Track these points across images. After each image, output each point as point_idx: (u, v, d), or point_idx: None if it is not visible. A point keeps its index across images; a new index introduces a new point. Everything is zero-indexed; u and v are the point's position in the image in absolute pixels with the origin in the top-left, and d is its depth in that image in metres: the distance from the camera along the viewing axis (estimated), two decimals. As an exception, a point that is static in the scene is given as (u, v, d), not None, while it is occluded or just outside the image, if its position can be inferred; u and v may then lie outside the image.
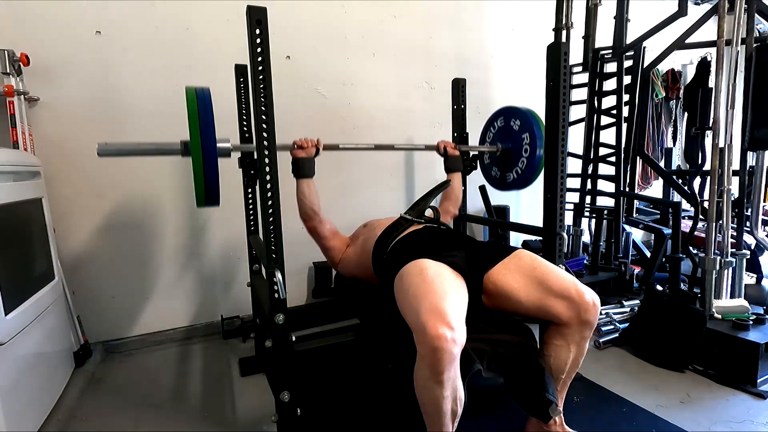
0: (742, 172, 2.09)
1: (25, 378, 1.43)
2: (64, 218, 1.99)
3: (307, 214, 1.61)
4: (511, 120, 1.93)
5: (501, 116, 2.00)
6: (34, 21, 1.88)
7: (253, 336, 2.00)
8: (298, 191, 1.57)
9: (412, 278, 1.17)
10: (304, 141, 1.55)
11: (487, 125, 2.10)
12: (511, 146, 1.94)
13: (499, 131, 2.00)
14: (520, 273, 1.25)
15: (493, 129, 2.04)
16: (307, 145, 1.55)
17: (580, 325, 1.19)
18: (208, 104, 1.23)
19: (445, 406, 1.04)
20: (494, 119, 2.04)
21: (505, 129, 1.97)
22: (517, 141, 1.90)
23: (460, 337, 0.99)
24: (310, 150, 1.55)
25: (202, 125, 1.19)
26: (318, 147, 1.57)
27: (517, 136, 1.90)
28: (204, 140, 1.19)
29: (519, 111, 1.90)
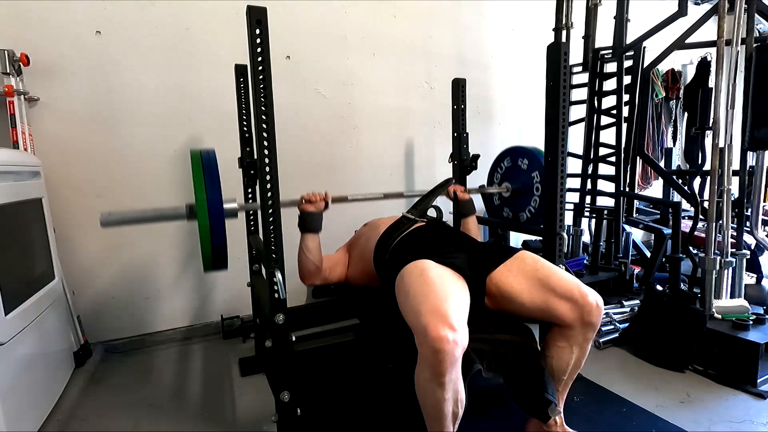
0: (742, 172, 2.08)
1: (25, 378, 1.43)
2: (64, 218, 1.99)
3: (309, 271, 1.54)
4: (518, 159, 1.94)
5: (507, 156, 2.00)
6: (34, 21, 1.88)
7: (253, 336, 2.00)
8: (303, 246, 1.50)
9: (414, 279, 1.17)
10: (313, 195, 1.49)
11: (493, 167, 2.10)
12: (521, 186, 1.93)
13: (507, 171, 2.00)
14: (523, 275, 1.25)
15: (500, 170, 2.04)
16: (316, 199, 1.49)
17: (583, 326, 1.19)
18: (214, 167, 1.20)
19: (446, 408, 1.03)
20: (500, 160, 2.05)
21: (512, 169, 1.98)
22: (527, 179, 1.89)
23: (462, 339, 0.99)
24: (318, 204, 1.49)
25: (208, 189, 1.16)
26: (327, 201, 1.51)
27: (526, 174, 1.90)
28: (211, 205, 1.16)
29: (524, 150, 1.91)
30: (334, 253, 1.74)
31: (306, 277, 1.57)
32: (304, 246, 1.50)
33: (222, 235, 1.20)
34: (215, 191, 1.18)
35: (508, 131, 3.16)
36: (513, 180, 1.97)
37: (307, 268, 1.54)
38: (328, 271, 1.62)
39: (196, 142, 2.21)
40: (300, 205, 1.49)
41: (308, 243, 1.50)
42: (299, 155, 2.42)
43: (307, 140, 2.46)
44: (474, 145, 2.16)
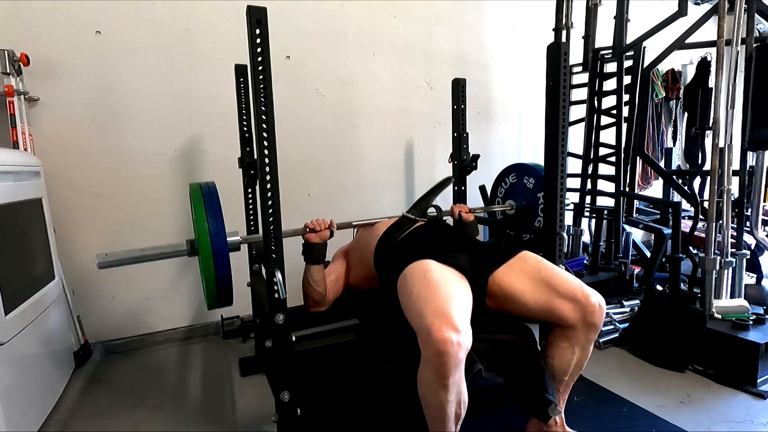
0: (742, 172, 2.08)
1: (25, 378, 1.43)
2: (64, 218, 1.99)
3: (315, 300, 1.50)
4: (524, 177, 1.94)
5: (512, 173, 2.01)
6: (34, 21, 1.88)
7: (253, 336, 2.00)
8: (308, 277, 1.45)
9: (416, 280, 1.16)
10: (317, 224, 1.44)
11: (497, 182, 2.11)
12: (525, 204, 1.94)
13: (511, 188, 2.01)
14: (526, 275, 1.25)
15: (504, 185, 2.04)
16: (320, 228, 1.44)
17: (585, 327, 1.19)
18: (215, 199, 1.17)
19: (449, 409, 1.03)
20: (505, 175, 2.06)
21: (517, 186, 1.98)
22: (532, 198, 1.90)
23: (466, 341, 0.99)
24: (323, 233, 1.44)
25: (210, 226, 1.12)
26: (332, 229, 1.47)
27: (531, 193, 1.90)
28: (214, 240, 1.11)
29: (531, 169, 1.92)
30: (331, 264, 1.68)
31: (312, 306, 1.53)
32: (310, 277, 1.45)
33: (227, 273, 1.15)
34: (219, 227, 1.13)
35: (508, 131, 3.17)
36: (517, 197, 1.96)
37: (312, 298, 1.50)
38: (332, 293, 1.57)
39: (197, 142, 2.21)
40: (304, 234, 1.44)
41: (314, 275, 1.45)
42: (299, 155, 2.42)
43: (307, 140, 2.45)
44: (474, 145, 2.16)
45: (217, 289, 1.18)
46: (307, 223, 1.45)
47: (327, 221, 1.47)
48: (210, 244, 1.13)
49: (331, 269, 1.62)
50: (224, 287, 1.18)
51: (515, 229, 2.07)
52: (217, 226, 1.14)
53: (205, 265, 1.15)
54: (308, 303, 1.53)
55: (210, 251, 1.13)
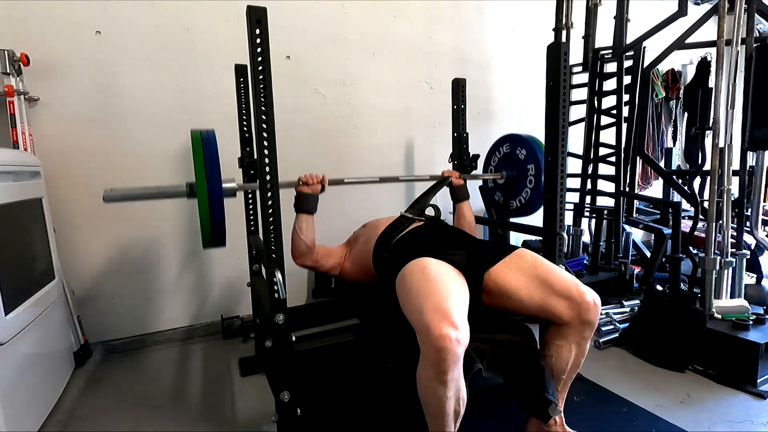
0: (742, 172, 2.08)
1: (25, 378, 1.43)
2: (64, 218, 1.99)
3: (301, 251, 1.56)
4: (516, 148, 1.94)
5: (506, 143, 2.01)
6: (34, 21, 1.88)
7: (253, 336, 1.99)
8: (296, 226, 1.52)
9: (415, 277, 1.17)
10: (309, 177, 1.52)
11: (491, 150, 2.11)
12: (515, 174, 1.94)
13: (504, 157, 2.01)
14: (522, 272, 1.25)
15: (498, 154, 2.05)
16: (313, 181, 1.51)
17: (581, 325, 1.19)
18: (213, 147, 1.23)
19: (448, 406, 1.04)
20: (499, 145, 2.05)
21: (510, 156, 1.98)
22: (522, 169, 1.91)
23: (464, 337, 0.99)
24: (315, 187, 1.51)
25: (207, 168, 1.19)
26: (323, 183, 1.54)
27: (522, 165, 1.91)
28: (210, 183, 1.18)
29: (525, 140, 1.92)
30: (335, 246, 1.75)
31: (296, 256, 1.58)
32: (298, 226, 1.52)
33: (221, 213, 1.22)
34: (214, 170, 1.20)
35: (508, 131, 3.14)
36: (509, 167, 1.97)
37: (298, 248, 1.55)
38: (322, 257, 1.64)
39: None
40: (297, 186, 1.52)
41: (302, 223, 1.51)
42: (299, 155, 2.41)
43: (307, 140, 2.46)
44: (474, 145, 2.16)
45: (212, 230, 1.22)
46: (300, 176, 1.52)
47: (320, 176, 1.53)
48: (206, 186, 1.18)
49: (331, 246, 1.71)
50: (218, 228, 1.23)
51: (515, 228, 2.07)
52: (213, 171, 1.20)
53: (201, 206, 1.20)
54: (293, 253, 1.58)
55: (206, 193, 1.18)
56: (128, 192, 1.28)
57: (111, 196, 1.23)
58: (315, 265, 1.64)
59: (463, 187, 1.85)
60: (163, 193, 1.33)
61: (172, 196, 1.31)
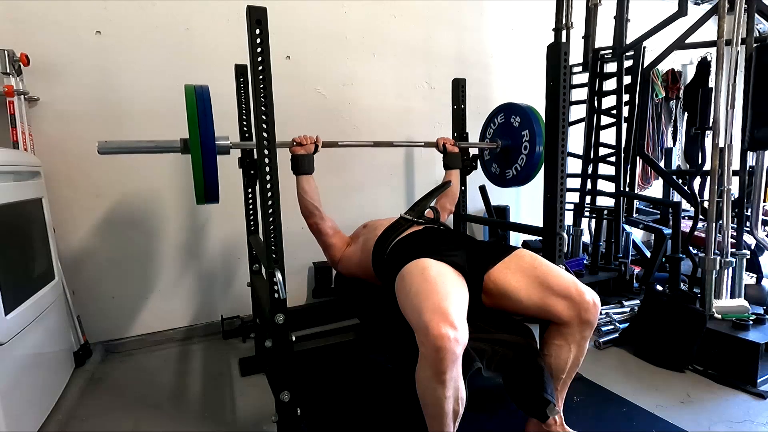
0: (742, 172, 2.08)
1: (25, 378, 1.43)
2: (64, 218, 1.99)
3: (309, 210, 1.62)
4: (511, 116, 1.93)
5: (501, 113, 1.99)
6: (34, 21, 1.88)
7: (253, 336, 2.00)
8: (299, 188, 1.58)
9: (414, 278, 1.17)
10: (303, 138, 1.57)
11: (487, 121, 2.09)
12: (510, 143, 1.93)
13: (499, 127, 2.00)
14: (521, 272, 1.25)
15: (493, 125, 2.04)
16: (306, 142, 1.56)
17: (580, 324, 1.19)
18: (207, 102, 1.23)
19: (447, 406, 1.04)
20: (494, 115, 2.04)
21: (505, 125, 1.96)
22: (517, 137, 1.89)
23: (463, 337, 0.99)
24: (309, 147, 1.56)
25: (201, 122, 1.20)
26: (317, 144, 1.59)
27: (517, 132, 1.89)
28: (203, 137, 1.19)
29: (519, 107, 1.90)
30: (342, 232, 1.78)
31: (306, 215, 1.65)
32: (300, 188, 1.58)
33: (214, 168, 1.23)
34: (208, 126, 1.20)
35: (508, 131, 3.16)
36: (504, 136, 1.96)
37: (306, 207, 1.61)
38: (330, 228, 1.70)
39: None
40: (291, 147, 1.56)
41: (303, 185, 1.57)
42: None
43: (307, 140, 2.45)
44: (474, 145, 2.16)
45: (205, 184, 1.24)
46: (294, 137, 1.56)
47: (313, 137, 1.59)
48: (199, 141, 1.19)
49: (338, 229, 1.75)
50: (211, 182, 1.24)
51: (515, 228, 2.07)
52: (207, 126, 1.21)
53: (195, 160, 1.21)
54: (303, 213, 1.64)
55: (199, 148, 1.19)
56: (123, 144, 1.30)
57: (105, 147, 1.26)
58: (322, 230, 1.68)
59: (456, 155, 1.91)
60: (157, 147, 1.34)
61: (167, 150, 1.33)
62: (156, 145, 1.33)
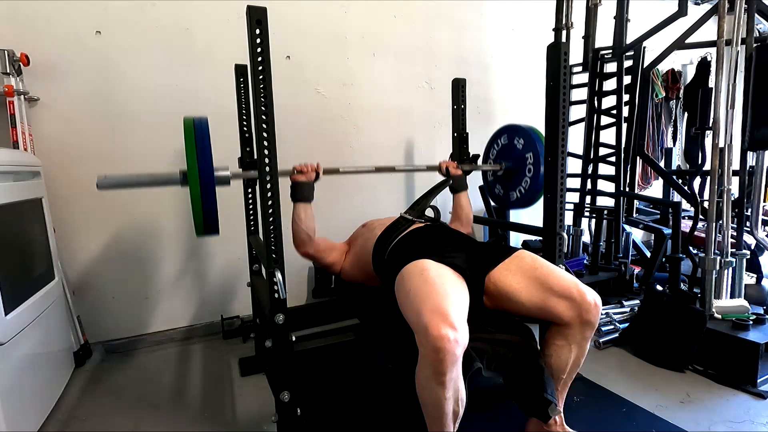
0: (742, 172, 2.08)
1: (25, 378, 1.43)
2: (64, 218, 1.99)
3: (302, 240, 1.56)
4: (514, 138, 1.92)
5: (504, 134, 1.99)
6: (34, 21, 1.88)
7: (253, 336, 2.00)
8: (295, 215, 1.53)
9: (414, 279, 1.17)
10: (304, 166, 1.53)
11: (490, 143, 2.09)
12: (513, 165, 1.92)
13: (503, 149, 1.99)
14: (522, 274, 1.25)
15: (497, 146, 2.03)
16: (307, 170, 1.53)
17: (581, 325, 1.19)
18: (206, 134, 1.22)
19: (447, 407, 1.03)
20: (497, 137, 2.04)
21: (508, 147, 1.96)
22: (521, 160, 1.88)
23: (463, 338, 0.99)
24: (310, 175, 1.53)
25: (199, 155, 1.18)
26: (318, 172, 1.55)
27: (521, 155, 1.88)
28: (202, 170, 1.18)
29: (522, 129, 1.89)
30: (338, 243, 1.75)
31: (298, 245, 1.59)
32: (296, 215, 1.53)
33: (213, 200, 1.21)
34: (206, 157, 1.19)
35: (508, 131, 3.16)
36: (507, 158, 1.96)
37: (299, 236, 1.56)
38: (324, 249, 1.66)
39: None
40: (291, 175, 1.53)
41: (300, 212, 1.52)
42: (299, 155, 2.40)
43: (308, 140, 2.45)
44: (474, 145, 2.16)
45: (204, 217, 1.22)
46: (295, 165, 1.53)
47: (314, 164, 1.55)
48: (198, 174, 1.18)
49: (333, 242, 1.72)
50: (210, 216, 1.22)
51: (515, 228, 2.07)
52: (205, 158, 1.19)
53: (193, 193, 1.19)
54: (295, 241, 1.58)
55: (197, 180, 1.18)
56: (122, 179, 1.28)
57: (104, 182, 1.24)
58: (317, 256, 1.65)
59: (461, 178, 1.86)
60: (156, 180, 1.32)
61: (166, 183, 1.31)
62: (155, 178, 1.32)
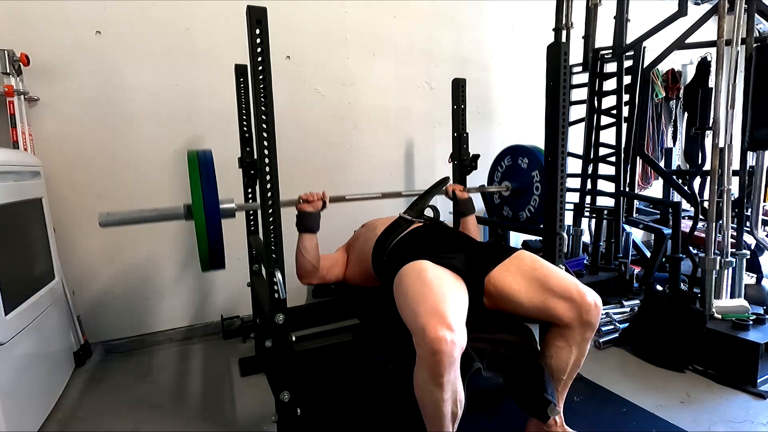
0: (742, 172, 2.08)
1: (25, 378, 1.43)
2: (64, 218, 1.99)
3: (307, 270, 1.54)
4: (518, 158, 1.92)
5: (507, 155, 1.99)
6: (34, 21, 1.88)
7: (253, 336, 2.00)
8: (300, 246, 1.50)
9: (411, 280, 1.17)
10: (310, 195, 1.49)
11: (494, 165, 2.09)
12: (520, 185, 1.92)
13: (507, 170, 1.99)
14: (521, 274, 1.25)
15: (501, 168, 2.03)
16: (313, 198, 1.49)
17: (581, 326, 1.19)
18: (210, 167, 1.21)
19: (445, 408, 1.03)
20: (500, 159, 2.04)
21: (513, 168, 1.96)
22: (527, 179, 1.88)
23: (460, 340, 0.99)
24: (316, 204, 1.49)
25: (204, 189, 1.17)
26: (324, 200, 1.51)
27: (526, 173, 1.88)
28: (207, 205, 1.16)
29: (524, 149, 1.90)
30: (333, 253, 1.74)
31: (303, 276, 1.57)
32: (302, 246, 1.50)
33: (218, 235, 1.19)
34: (211, 191, 1.18)
35: (508, 131, 3.16)
36: (513, 179, 1.96)
37: (304, 267, 1.54)
38: (326, 270, 1.63)
39: (197, 142, 2.21)
40: (298, 205, 1.50)
41: (306, 243, 1.50)
42: (299, 155, 2.42)
43: (307, 140, 2.46)
44: (474, 145, 2.16)
45: (210, 252, 1.20)
46: (301, 194, 1.50)
47: (320, 193, 1.51)
48: (203, 208, 1.17)
49: (330, 255, 1.67)
50: (216, 250, 1.21)
51: (516, 229, 2.07)
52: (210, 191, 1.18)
53: (198, 228, 1.18)
54: (300, 273, 1.56)
55: (203, 215, 1.17)
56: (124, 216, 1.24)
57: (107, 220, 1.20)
58: (321, 282, 1.63)
59: (468, 201, 1.78)
60: (160, 215, 1.29)
61: (170, 218, 1.29)
62: (159, 213, 1.28)
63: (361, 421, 1.50)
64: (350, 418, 1.52)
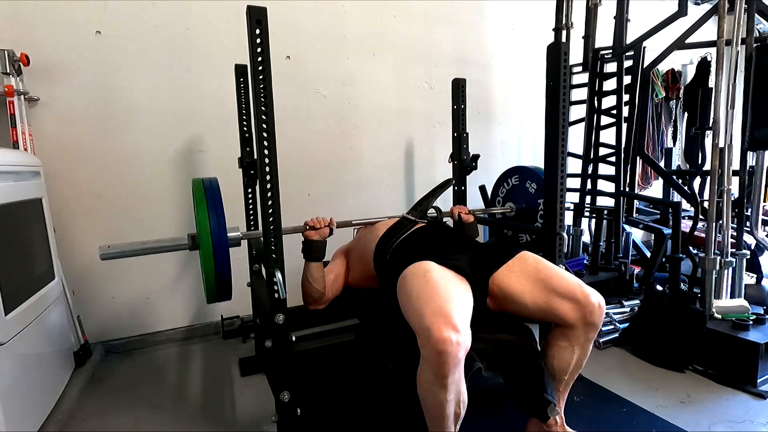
0: (742, 172, 2.08)
1: (25, 378, 1.43)
2: (64, 218, 1.99)
3: (314, 298, 1.51)
4: (526, 181, 1.92)
5: (515, 174, 1.99)
6: (34, 21, 1.88)
7: (253, 336, 2.00)
8: (307, 274, 1.46)
9: (416, 280, 1.16)
10: (317, 221, 1.47)
11: (498, 183, 2.10)
12: (525, 206, 1.92)
13: (513, 189, 1.99)
14: (525, 275, 1.25)
15: (506, 185, 2.03)
16: (320, 225, 1.46)
17: (585, 327, 1.19)
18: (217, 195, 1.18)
19: (448, 409, 1.03)
20: (507, 177, 2.04)
21: (519, 188, 1.96)
22: (532, 202, 1.88)
23: (465, 341, 0.99)
24: (323, 231, 1.46)
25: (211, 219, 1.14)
26: (331, 227, 1.49)
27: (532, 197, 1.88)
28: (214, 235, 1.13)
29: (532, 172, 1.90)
30: (331, 263, 1.69)
31: (310, 304, 1.54)
32: (309, 275, 1.46)
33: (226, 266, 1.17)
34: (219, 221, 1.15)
35: (508, 131, 3.16)
36: (518, 200, 1.95)
37: (311, 296, 1.50)
38: (332, 291, 1.59)
39: (197, 142, 2.21)
40: (304, 231, 1.46)
41: (313, 272, 1.46)
42: (299, 155, 2.42)
43: (308, 140, 2.46)
44: (474, 145, 2.17)
45: (217, 283, 1.19)
46: (307, 221, 1.47)
47: (327, 219, 1.49)
48: (210, 238, 1.14)
49: (331, 268, 1.63)
50: (224, 281, 1.19)
51: (515, 229, 2.07)
52: (218, 221, 1.16)
53: (205, 259, 1.16)
54: (307, 301, 1.53)
55: (210, 245, 1.15)
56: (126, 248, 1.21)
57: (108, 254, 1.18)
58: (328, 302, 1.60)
59: (473, 225, 1.74)
60: (163, 247, 1.27)
61: (173, 249, 1.27)
62: (161, 245, 1.26)
63: (361, 421, 1.50)
64: (350, 418, 1.52)
